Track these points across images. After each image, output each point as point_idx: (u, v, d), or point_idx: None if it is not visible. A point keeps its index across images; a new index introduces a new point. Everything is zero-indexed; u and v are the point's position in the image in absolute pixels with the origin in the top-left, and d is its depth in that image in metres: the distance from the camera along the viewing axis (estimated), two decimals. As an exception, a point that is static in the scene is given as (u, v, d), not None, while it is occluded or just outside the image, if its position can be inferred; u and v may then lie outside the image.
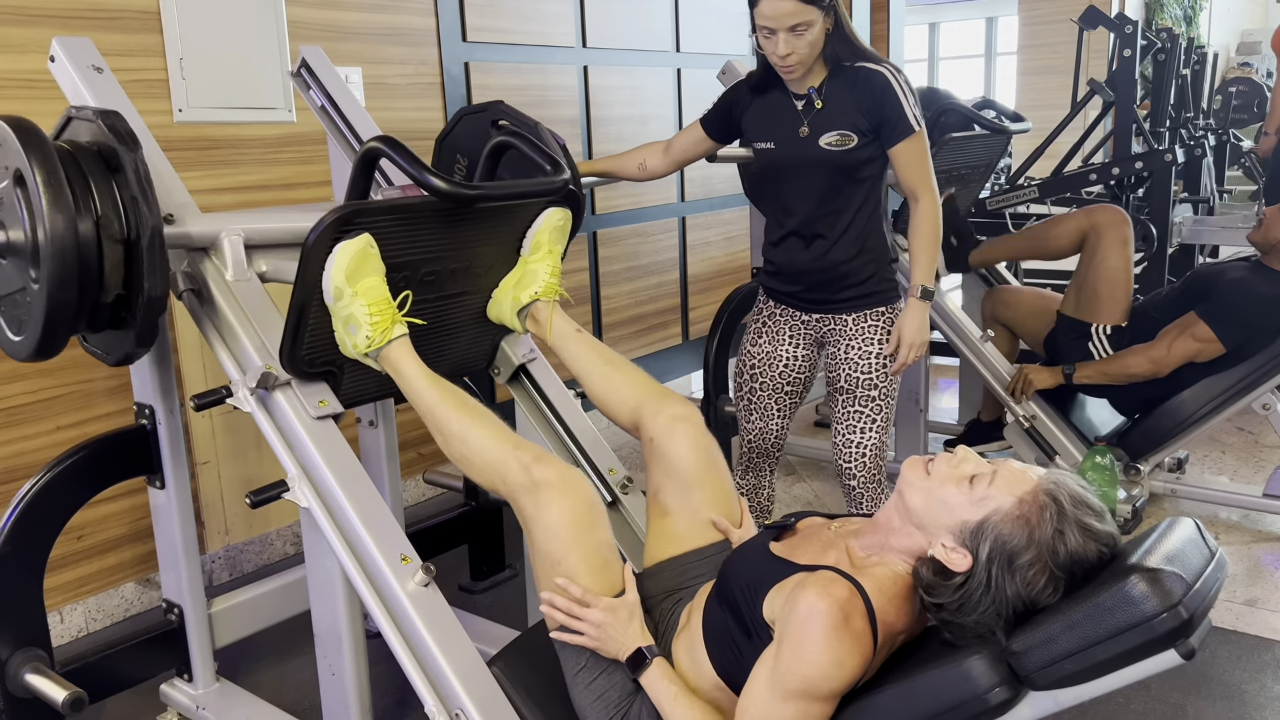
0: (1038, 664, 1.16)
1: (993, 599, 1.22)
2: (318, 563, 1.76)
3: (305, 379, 1.70)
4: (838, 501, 3.30)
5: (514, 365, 2.09)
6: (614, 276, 4.16)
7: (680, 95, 4.38)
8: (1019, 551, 1.21)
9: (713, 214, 4.64)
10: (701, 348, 4.67)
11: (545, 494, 1.48)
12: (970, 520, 1.26)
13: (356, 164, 1.70)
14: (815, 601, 1.24)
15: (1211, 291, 2.83)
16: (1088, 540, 1.21)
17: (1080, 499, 1.24)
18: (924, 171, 2.16)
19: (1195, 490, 3.09)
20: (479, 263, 1.86)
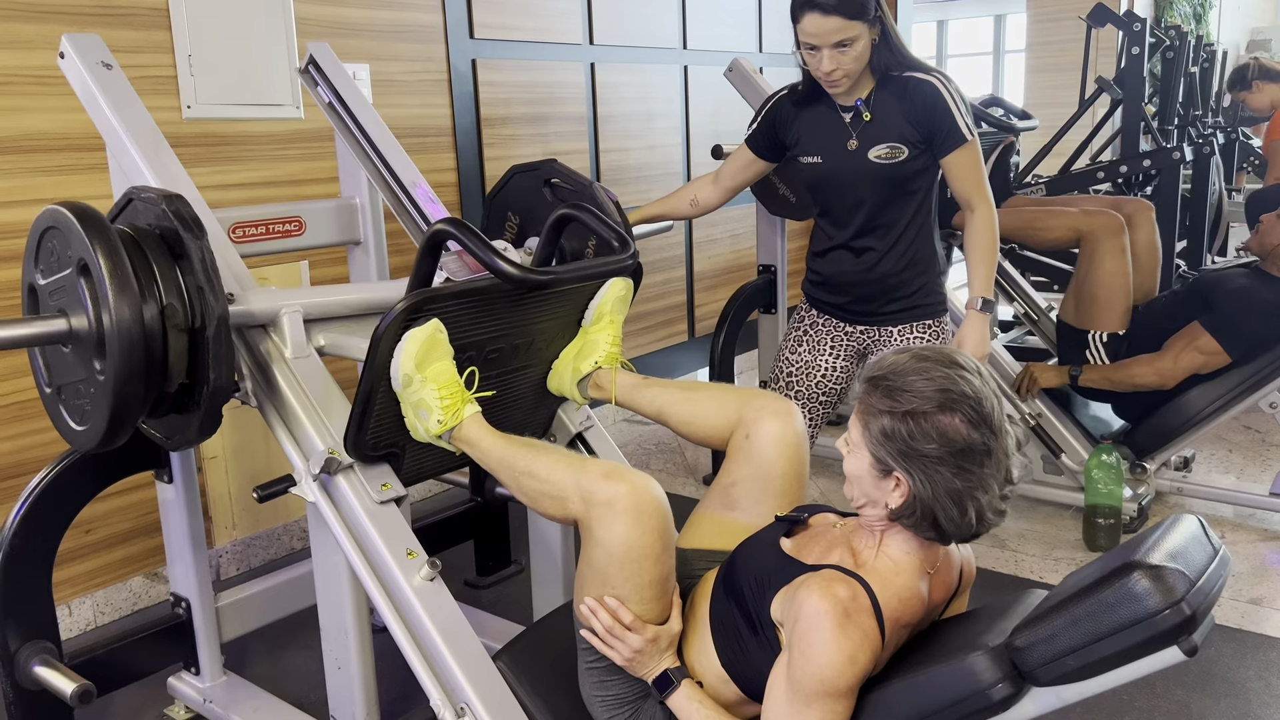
0: (1040, 660, 1.16)
1: (951, 485, 1.25)
2: (324, 557, 1.77)
3: (369, 462, 1.68)
4: (843, 500, 3.30)
5: (570, 433, 2.05)
6: (620, 273, 4.16)
7: (687, 93, 4.38)
8: (894, 430, 1.26)
9: (719, 212, 4.62)
10: (707, 345, 4.67)
11: (612, 513, 1.38)
12: (870, 461, 1.30)
13: (423, 247, 1.63)
14: (819, 602, 1.24)
15: (1214, 301, 2.82)
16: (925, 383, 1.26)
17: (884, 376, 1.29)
18: (979, 181, 2.11)
19: (1201, 489, 3.09)
20: (541, 338, 1.82)
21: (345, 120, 2.34)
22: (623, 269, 1.75)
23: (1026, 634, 1.18)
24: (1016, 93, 9.86)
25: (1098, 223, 3.05)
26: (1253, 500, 2.99)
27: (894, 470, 1.28)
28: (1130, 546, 1.20)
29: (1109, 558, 1.24)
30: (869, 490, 1.32)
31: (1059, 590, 1.27)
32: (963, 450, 1.25)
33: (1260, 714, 2.08)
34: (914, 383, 1.26)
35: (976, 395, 1.26)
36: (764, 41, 4.78)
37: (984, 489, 1.26)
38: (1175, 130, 4.66)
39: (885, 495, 1.30)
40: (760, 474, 1.59)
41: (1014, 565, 2.79)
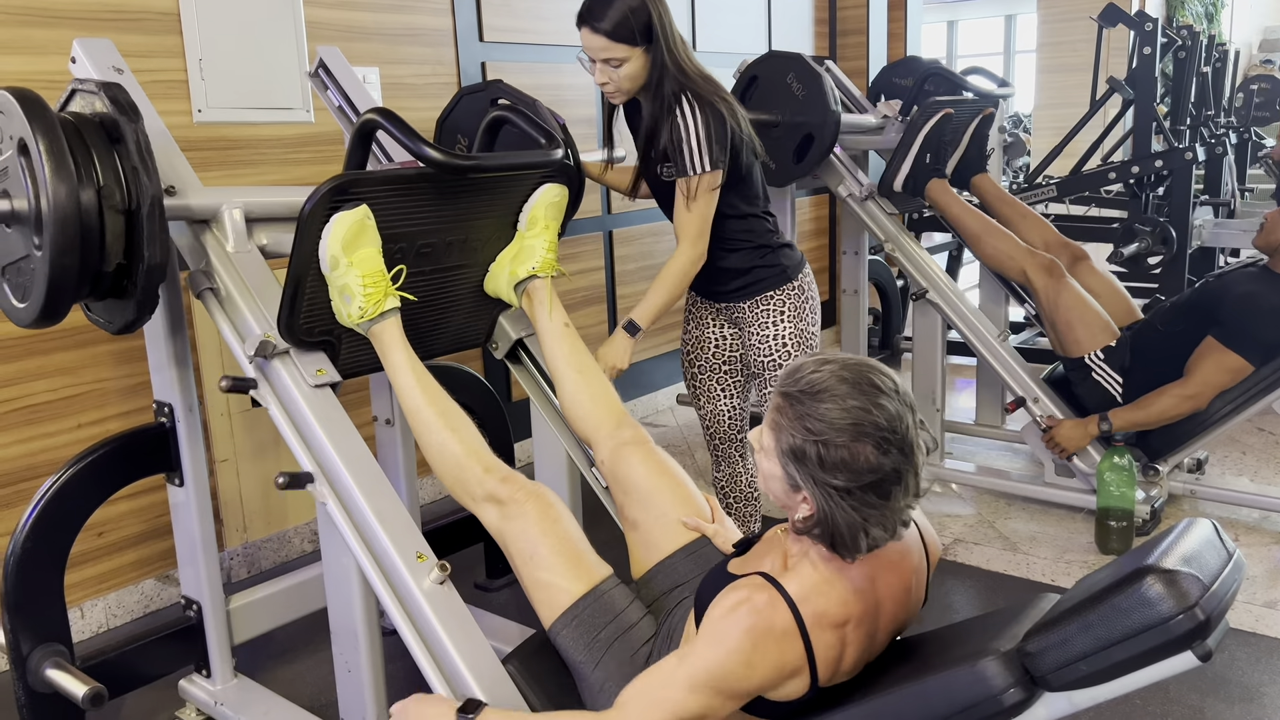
0: (1053, 665, 1.16)
1: (852, 518, 1.23)
2: (334, 560, 1.78)
3: (303, 348, 1.76)
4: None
5: (511, 340, 2.14)
6: (630, 276, 4.16)
7: (696, 94, 4.38)
8: (804, 452, 1.24)
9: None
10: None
11: (511, 509, 1.63)
12: (781, 474, 1.28)
13: (353, 135, 1.74)
14: (737, 605, 1.26)
15: (1221, 310, 2.78)
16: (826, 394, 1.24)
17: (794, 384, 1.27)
18: (686, 219, 2.17)
19: (1214, 491, 3.07)
20: (475, 236, 1.90)
21: (354, 121, 2.35)
22: (547, 162, 1.84)
23: (1039, 639, 1.17)
24: (1027, 93, 9.84)
25: (1038, 263, 3.02)
26: (1268, 503, 2.97)
27: (801, 489, 1.26)
28: (1143, 551, 1.20)
29: (1122, 562, 1.23)
30: (780, 495, 1.31)
31: (1071, 594, 1.26)
32: (871, 484, 1.22)
33: (1275, 718, 2.06)
34: (828, 411, 1.22)
35: (890, 423, 1.22)
36: (773, 41, 4.78)
37: (884, 521, 1.24)
38: (1187, 130, 4.64)
39: (795, 506, 1.29)
40: (631, 490, 1.74)
41: (1026, 568, 2.78)
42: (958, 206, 3.26)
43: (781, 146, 3.20)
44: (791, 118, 3.15)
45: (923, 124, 3.21)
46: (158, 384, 1.98)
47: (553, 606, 1.59)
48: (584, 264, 3.99)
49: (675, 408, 4.39)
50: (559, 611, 1.58)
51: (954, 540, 2.97)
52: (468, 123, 2.32)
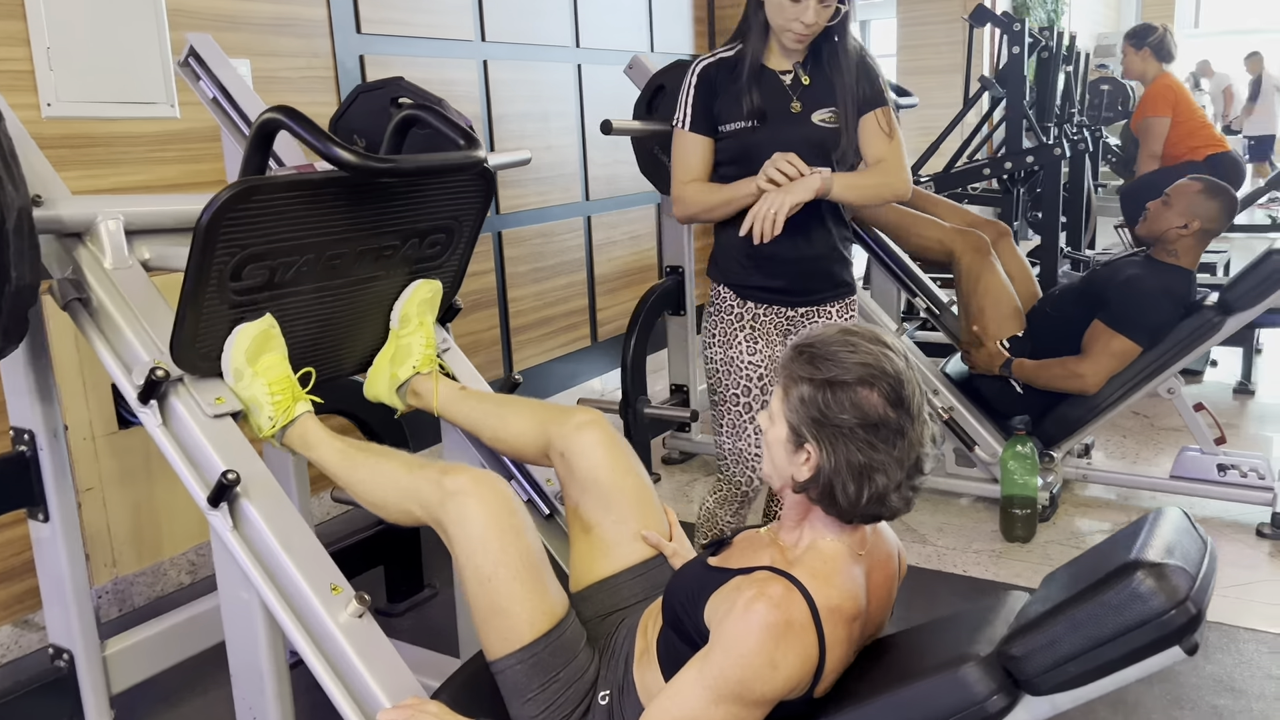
0: (1040, 668, 1.11)
1: (854, 458, 1.21)
2: (232, 594, 1.60)
3: (199, 374, 1.58)
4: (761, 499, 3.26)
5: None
6: (521, 278, 4.03)
7: (582, 92, 4.28)
8: (813, 395, 1.22)
9: (619, 213, 4.56)
10: (611, 350, 4.59)
11: (461, 501, 1.43)
12: (786, 432, 1.26)
13: (253, 136, 1.57)
14: (751, 601, 1.19)
15: (1108, 294, 2.88)
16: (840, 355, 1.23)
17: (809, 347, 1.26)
18: (896, 150, 2.05)
19: (1106, 475, 3.17)
20: (388, 245, 1.76)
21: (232, 116, 2.16)
22: (471, 161, 1.72)
23: (1023, 641, 1.13)
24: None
25: (968, 243, 3.09)
26: (1155, 483, 3.08)
27: (805, 441, 1.23)
28: (1121, 544, 1.17)
29: (1096, 558, 1.20)
30: (782, 463, 1.28)
31: (1044, 593, 1.22)
32: (875, 425, 1.21)
33: (1192, 697, 2.11)
34: (838, 353, 1.23)
35: (899, 376, 1.23)
36: (655, 40, 4.73)
37: (886, 471, 1.22)
38: (1054, 127, 4.82)
39: (795, 468, 1.26)
40: (590, 485, 1.57)
41: (936, 560, 2.80)
42: (879, 210, 3.28)
43: None
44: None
45: None
46: (15, 408, 1.75)
47: (507, 640, 1.43)
48: (473, 267, 3.82)
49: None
50: (514, 647, 1.43)
51: (864, 535, 2.97)
52: (364, 123, 2.16)
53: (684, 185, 2.08)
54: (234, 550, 1.51)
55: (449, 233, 1.90)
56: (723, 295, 2.15)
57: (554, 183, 4.15)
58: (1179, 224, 2.86)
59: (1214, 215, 2.85)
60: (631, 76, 3.44)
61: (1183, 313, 2.91)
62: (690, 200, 2.09)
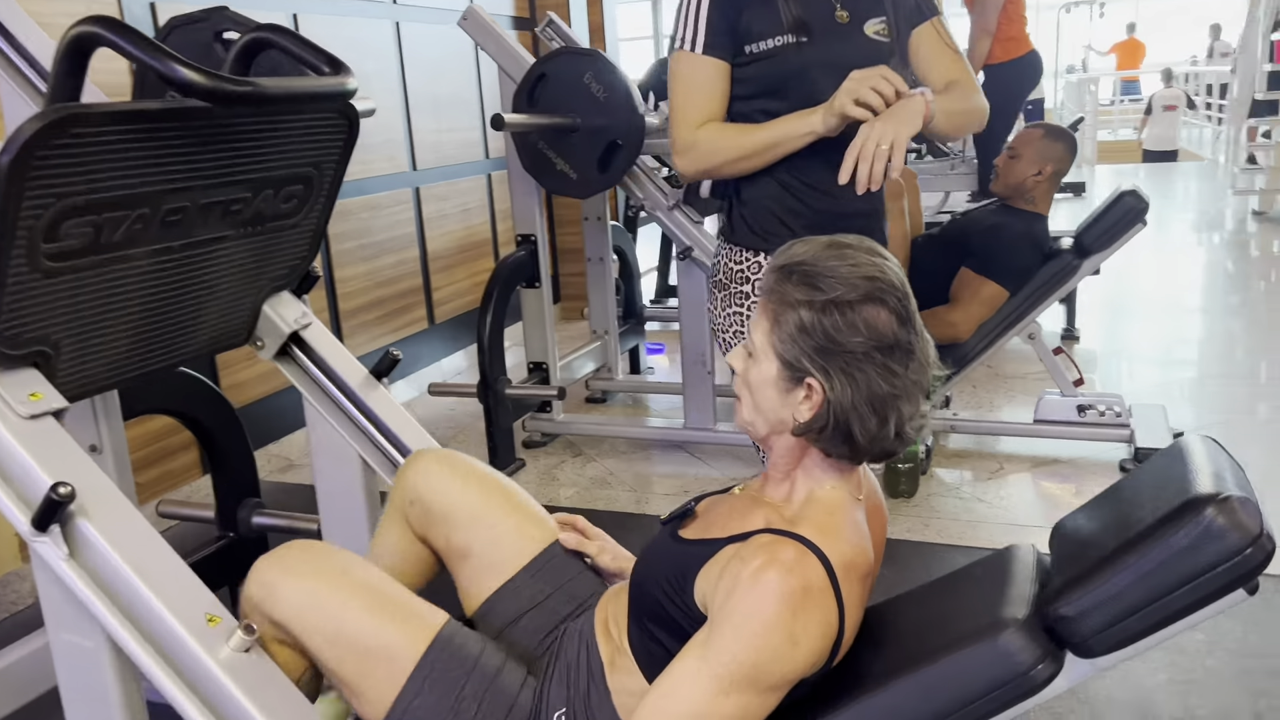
0: (1097, 626, 0.98)
1: (877, 387, 1.06)
2: (69, 643, 1.27)
3: (6, 365, 1.24)
4: (634, 477, 3.09)
5: (283, 334, 1.69)
6: (348, 256, 3.67)
7: (401, 52, 3.94)
8: (814, 321, 1.07)
9: (448, 183, 4.25)
10: (450, 332, 4.28)
11: (271, 588, 1.26)
12: (778, 369, 1.10)
13: (62, 55, 1.23)
14: (760, 570, 1.01)
15: (972, 243, 2.90)
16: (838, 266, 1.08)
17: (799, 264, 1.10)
18: (961, 61, 1.66)
19: (973, 424, 3.19)
20: (236, 198, 1.45)
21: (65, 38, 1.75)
22: (343, 91, 1.45)
23: (1075, 598, 0.99)
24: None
25: (887, 188, 3.03)
26: (1021, 429, 3.12)
27: (807, 375, 1.07)
28: (1158, 478, 1.06)
29: (1128, 498, 1.08)
30: (772, 407, 1.11)
31: (1072, 546, 1.10)
32: (890, 347, 1.07)
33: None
34: (837, 269, 1.07)
35: (903, 287, 1.10)
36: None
37: (908, 397, 1.08)
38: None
39: (792, 409, 1.09)
40: (452, 511, 1.39)
41: (827, 522, 2.71)
42: None
43: (581, 154, 2.93)
44: (591, 121, 2.87)
45: None
46: None
47: (392, 675, 1.21)
48: (296, 244, 3.44)
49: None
50: (402, 679, 1.20)
51: (750, 504, 2.85)
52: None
53: (694, 129, 1.57)
54: (72, 584, 1.18)
55: (307, 183, 1.59)
56: (763, 266, 1.53)
57: (377, 150, 3.79)
58: (1033, 172, 2.90)
59: (1062, 156, 2.91)
60: (467, 29, 3.16)
61: (1042, 257, 2.95)
62: (710, 148, 1.57)
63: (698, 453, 3.24)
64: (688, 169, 1.61)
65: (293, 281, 1.73)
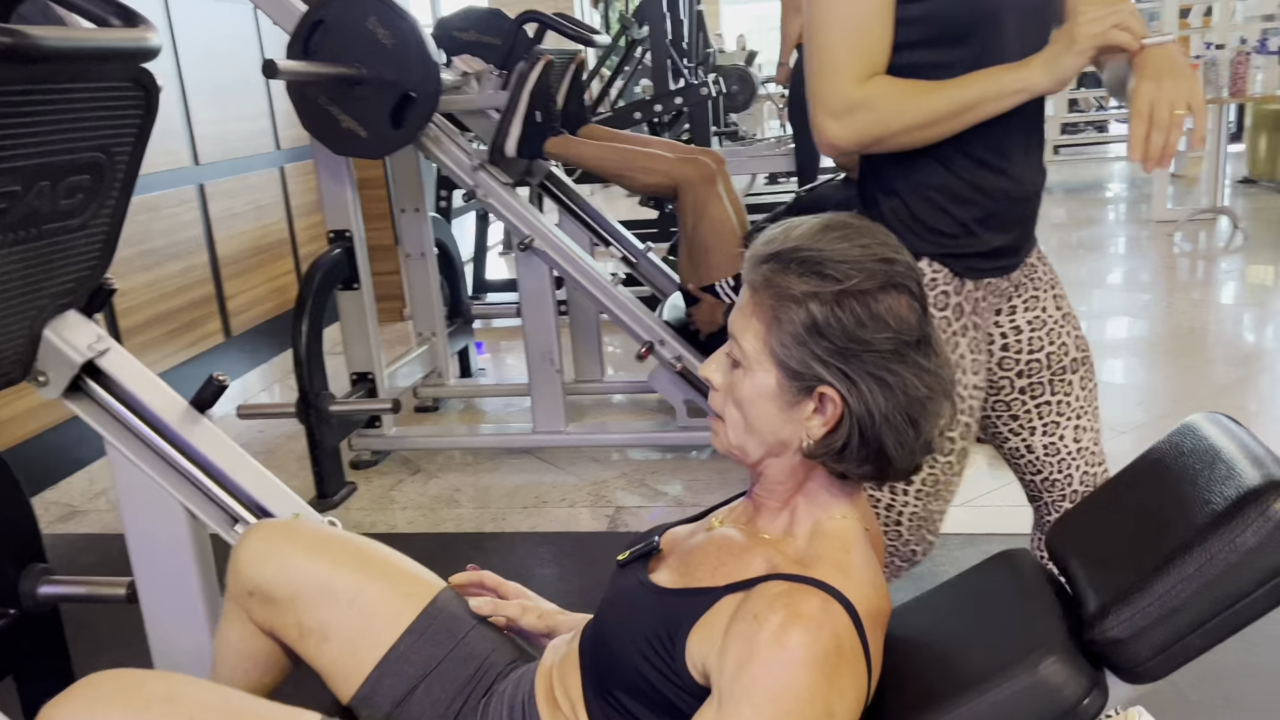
0: (1158, 647, 0.85)
1: (914, 390, 0.88)
2: None
3: None
4: (483, 492, 2.83)
5: (74, 365, 1.36)
6: (126, 265, 3.19)
7: (172, 29, 3.47)
8: (826, 319, 0.87)
9: (237, 179, 3.79)
10: (250, 345, 3.84)
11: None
12: (778, 379, 0.91)
13: None
14: (782, 629, 0.83)
15: None
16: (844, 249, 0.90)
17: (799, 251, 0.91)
18: None
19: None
20: (4, 192, 1.11)
21: None
22: (147, 49, 1.15)
23: (1128, 619, 0.85)
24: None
25: (696, 172, 2.88)
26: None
27: (819, 384, 0.89)
28: (1187, 464, 0.93)
29: (1156, 488, 0.96)
30: (772, 426, 0.92)
31: (1096, 550, 0.96)
32: (918, 340, 0.90)
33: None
34: (846, 252, 0.89)
35: (915, 267, 0.93)
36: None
37: (941, 397, 0.92)
38: (696, 68, 4.79)
39: (799, 426, 0.91)
40: (303, 593, 1.15)
41: (701, 522, 2.56)
42: (590, 150, 2.95)
43: (371, 108, 2.60)
44: (380, 73, 2.55)
45: (527, 77, 2.80)
46: None
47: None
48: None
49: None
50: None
51: (617, 508, 2.66)
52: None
53: (859, 83, 1.17)
54: None
55: (96, 172, 1.26)
56: (924, 276, 1.21)
57: (152, 144, 3.30)
58: None
59: None
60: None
61: (889, 233, 2.91)
62: (890, 109, 1.17)
63: (551, 459, 3.01)
64: (846, 136, 1.19)
65: (81, 299, 1.38)
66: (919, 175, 1.22)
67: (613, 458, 3.01)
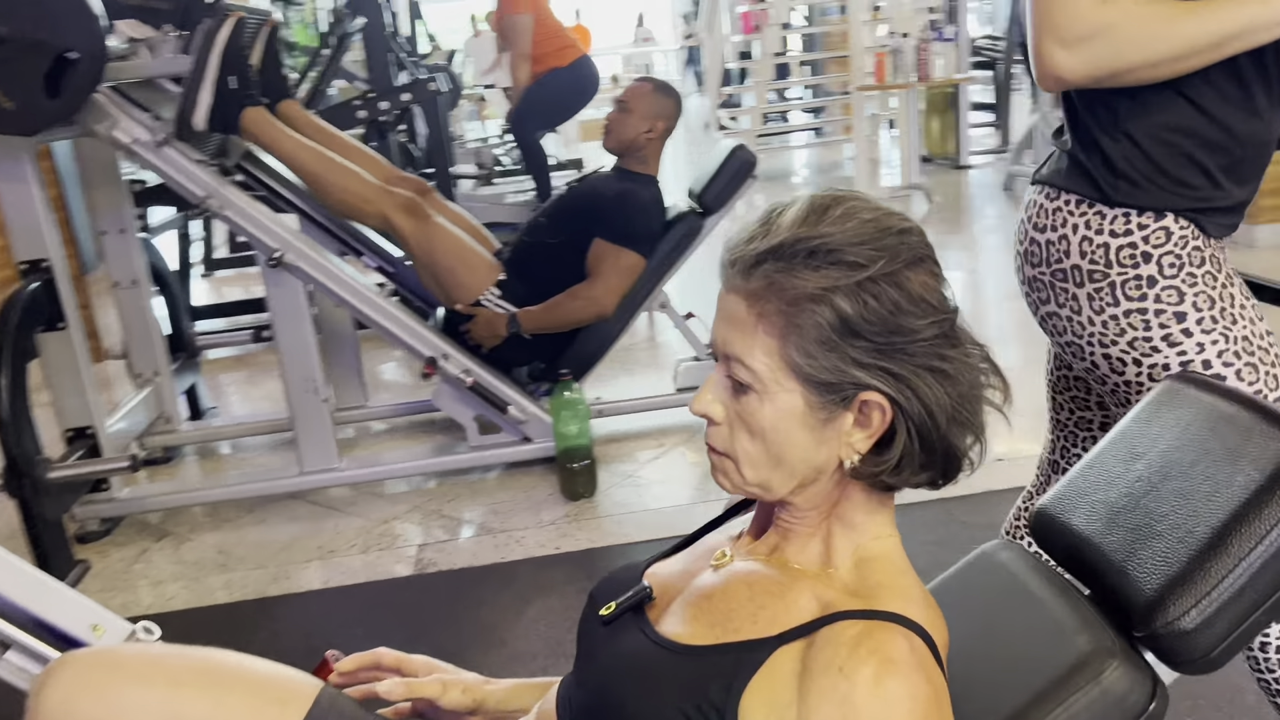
0: (1224, 634, 0.78)
1: (958, 387, 0.76)
2: None
3: None
4: (255, 549, 2.44)
5: None
6: None
7: None
8: (857, 312, 0.73)
9: None
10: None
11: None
12: (804, 396, 0.75)
13: None
14: (880, 681, 0.69)
15: (600, 212, 2.67)
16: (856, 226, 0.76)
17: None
18: None
19: (620, 404, 3.00)
20: None
21: None
22: None
23: (1195, 608, 0.78)
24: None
25: (398, 205, 2.59)
26: (668, 400, 2.99)
27: (861, 391, 0.74)
28: (1185, 427, 0.88)
29: (1154, 460, 0.90)
30: (804, 453, 0.76)
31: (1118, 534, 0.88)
32: (953, 321, 0.77)
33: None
34: (856, 231, 0.74)
35: (926, 236, 0.79)
36: None
37: (995, 373, 0.80)
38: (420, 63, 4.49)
39: (837, 444, 0.76)
40: None
41: (519, 547, 2.34)
42: (288, 142, 2.56)
43: (18, 74, 2.15)
44: (26, 29, 2.11)
45: (215, 35, 2.41)
46: None
47: None
48: None
49: None
50: None
51: (419, 546, 2.38)
52: None
53: (1098, 6, 1.01)
54: None
55: None
56: (1173, 234, 1.09)
57: None
58: (644, 129, 2.75)
59: (672, 113, 2.81)
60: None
61: (665, 222, 2.83)
62: (1141, 34, 1.00)
63: (326, 501, 2.67)
64: (1077, 69, 1.02)
65: None
66: (1161, 114, 1.06)
67: (399, 490, 2.72)
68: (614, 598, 0.88)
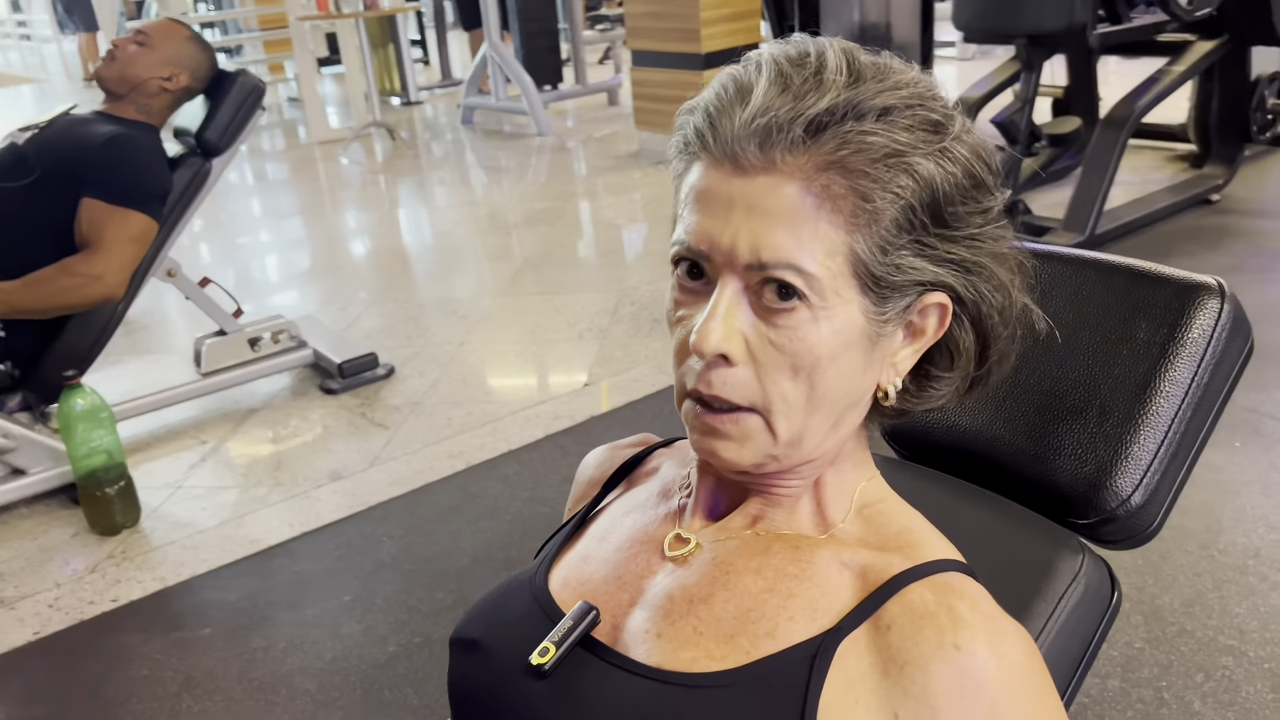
0: (1163, 501, 0.75)
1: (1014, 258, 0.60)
2: None
3: None
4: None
5: None
6: None
7: None
8: (971, 183, 0.55)
9: None
10: None
11: None
12: (853, 331, 0.56)
13: None
14: (996, 649, 0.53)
15: (87, 167, 2.03)
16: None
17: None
18: None
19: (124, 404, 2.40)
20: None
21: None
22: None
23: (1139, 481, 0.73)
24: None
25: None
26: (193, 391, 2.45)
27: (927, 292, 0.56)
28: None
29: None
30: (850, 385, 0.56)
31: (1002, 423, 0.81)
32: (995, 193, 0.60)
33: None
34: (916, 80, 0.55)
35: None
36: None
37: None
38: None
39: (877, 372, 0.57)
40: None
41: (54, 614, 1.75)
42: None
43: None
44: None
45: None
46: None
47: None
48: None
49: None
50: None
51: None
52: None
53: None
54: None
55: None
56: None
57: None
58: (163, 75, 2.20)
59: (204, 73, 2.29)
60: None
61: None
62: None
63: None
64: None
65: None
66: None
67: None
68: (515, 638, 0.60)
